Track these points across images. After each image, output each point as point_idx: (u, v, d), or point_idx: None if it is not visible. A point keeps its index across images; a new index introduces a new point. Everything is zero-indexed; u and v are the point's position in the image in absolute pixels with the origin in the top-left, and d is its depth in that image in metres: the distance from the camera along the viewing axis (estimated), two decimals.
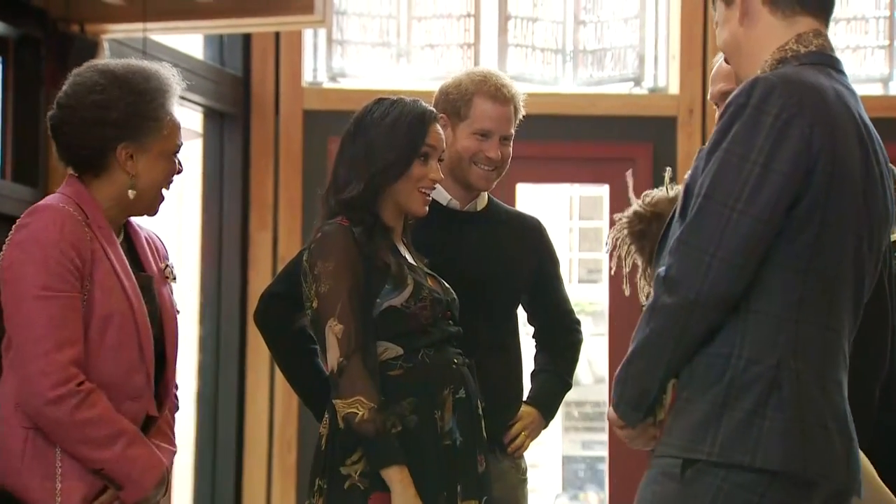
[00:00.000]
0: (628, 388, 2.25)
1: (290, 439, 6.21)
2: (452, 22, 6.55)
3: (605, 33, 6.59)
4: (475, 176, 3.23)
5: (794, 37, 2.30)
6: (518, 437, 3.30)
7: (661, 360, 2.20)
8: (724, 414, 2.16)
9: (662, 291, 2.18)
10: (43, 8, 5.21)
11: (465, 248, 3.23)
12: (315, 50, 6.53)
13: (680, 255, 2.17)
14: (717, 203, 2.16)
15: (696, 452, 2.17)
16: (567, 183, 6.92)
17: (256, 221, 6.35)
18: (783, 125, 2.16)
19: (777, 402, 2.15)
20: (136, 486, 2.59)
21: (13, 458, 2.56)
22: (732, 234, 2.14)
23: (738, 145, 2.17)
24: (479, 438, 2.97)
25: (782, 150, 2.15)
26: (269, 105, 6.37)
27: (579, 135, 6.46)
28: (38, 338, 2.52)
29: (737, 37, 2.35)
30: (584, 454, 9.51)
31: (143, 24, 5.30)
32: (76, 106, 2.66)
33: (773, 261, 2.17)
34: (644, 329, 2.21)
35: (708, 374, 2.19)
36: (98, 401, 2.55)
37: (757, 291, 2.17)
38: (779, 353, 2.17)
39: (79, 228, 2.58)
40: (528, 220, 3.43)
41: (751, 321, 2.18)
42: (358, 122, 2.98)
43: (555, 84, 6.61)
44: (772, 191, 2.14)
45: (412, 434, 2.86)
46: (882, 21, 6.49)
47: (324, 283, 2.85)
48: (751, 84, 2.21)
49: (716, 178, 2.17)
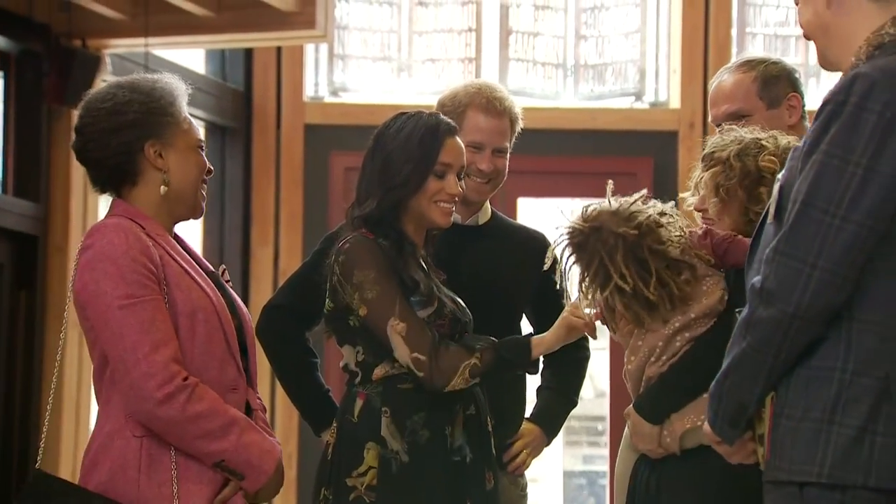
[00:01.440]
0: (724, 404, 2.17)
1: (291, 453, 6.21)
2: (454, 36, 6.56)
3: (605, 48, 6.60)
4: (468, 188, 3.23)
5: (891, 19, 2.16)
6: (519, 455, 3.28)
7: (759, 375, 2.11)
8: (833, 431, 2.06)
9: (759, 304, 2.09)
10: (45, 23, 5.23)
11: (466, 262, 3.22)
12: (316, 64, 6.54)
13: (777, 266, 2.07)
14: (817, 210, 2.05)
15: (806, 474, 2.07)
16: (568, 197, 6.91)
17: (258, 236, 6.35)
18: (888, 123, 2.04)
19: (888, 417, 2.04)
20: (258, 471, 2.58)
21: (129, 469, 2.55)
22: (834, 242, 2.04)
23: (838, 147, 2.05)
24: (488, 455, 2.97)
25: (887, 150, 2.03)
26: (270, 119, 6.38)
27: (580, 149, 6.47)
28: (133, 345, 2.52)
29: (823, 19, 2.21)
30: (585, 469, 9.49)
31: (144, 38, 5.31)
32: (92, 121, 2.67)
33: (876, 267, 2.06)
34: (740, 343, 2.12)
35: (810, 389, 2.09)
36: (205, 393, 2.55)
37: (860, 300, 2.07)
38: (887, 365, 2.05)
39: (141, 237, 2.60)
40: (531, 233, 3.42)
41: (854, 331, 2.07)
42: (377, 137, 2.98)
43: (556, 98, 6.62)
44: (876, 194, 2.03)
45: (422, 449, 2.85)
46: None
47: (369, 290, 2.84)
48: (850, 80, 2.07)
49: (814, 182, 2.06)
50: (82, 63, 5.20)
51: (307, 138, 6.37)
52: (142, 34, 5.30)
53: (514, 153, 3.35)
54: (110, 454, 2.56)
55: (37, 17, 5.19)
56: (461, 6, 6.56)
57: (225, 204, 6.29)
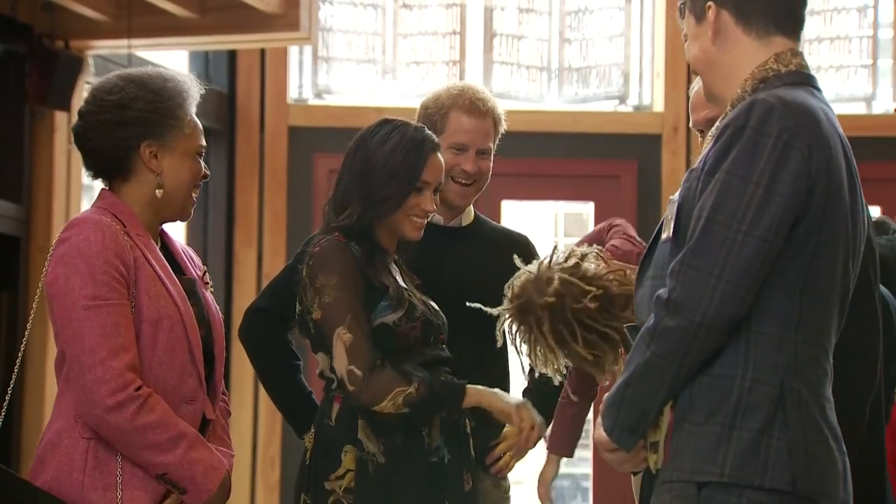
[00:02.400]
0: (625, 412, 2.24)
1: (274, 456, 6.20)
2: (438, 39, 6.56)
3: (590, 51, 6.61)
4: (452, 192, 3.22)
5: (773, 56, 2.31)
6: (502, 457, 3.27)
7: (663, 384, 2.19)
8: (733, 435, 2.17)
9: (665, 314, 2.17)
10: (28, 24, 5.21)
11: (448, 264, 3.22)
12: (300, 66, 6.54)
13: (684, 278, 2.17)
14: (721, 225, 2.16)
15: (707, 475, 2.17)
16: (552, 200, 6.92)
17: (241, 238, 6.34)
18: (784, 147, 2.17)
19: (782, 423, 2.17)
20: (200, 488, 2.58)
21: (75, 471, 2.55)
22: (738, 255, 2.15)
23: (740, 167, 2.17)
24: (466, 457, 2.97)
25: (784, 172, 2.16)
26: (254, 121, 6.37)
27: (564, 152, 6.47)
28: (92, 347, 2.51)
29: (709, 55, 2.35)
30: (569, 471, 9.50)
31: (127, 40, 5.30)
32: (96, 110, 2.67)
33: (773, 282, 2.18)
34: (644, 352, 2.20)
35: (712, 396, 2.19)
36: (157, 405, 2.55)
37: (758, 312, 2.18)
38: (781, 374, 2.18)
39: (119, 237, 2.58)
40: (514, 235, 3.42)
41: (752, 342, 2.19)
42: (360, 142, 2.98)
43: (540, 101, 6.62)
44: (775, 212, 2.15)
45: (399, 450, 2.86)
46: (865, 40, 6.52)
47: (328, 295, 2.85)
48: (748, 106, 2.21)
49: (718, 200, 2.17)
50: (65, 64, 5.19)
51: (291, 140, 6.36)
52: (125, 35, 5.29)
53: (498, 156, 3.35)
54: (57, 453, 2.56)
55: (19, 17, 5.17)
56: (445, 9, 6.57)
57: (208, 205, 6.27)
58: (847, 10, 6.54)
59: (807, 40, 6.55)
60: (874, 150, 6.22)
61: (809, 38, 6.55)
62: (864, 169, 3.56)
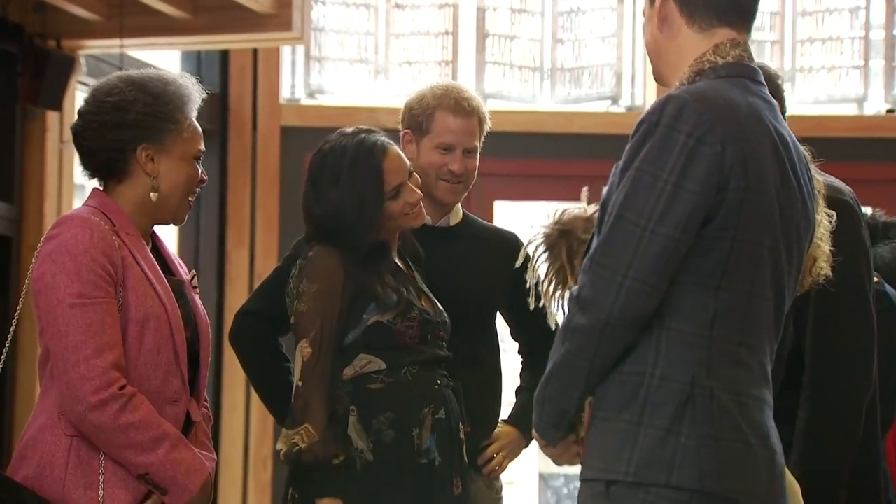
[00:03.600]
0: (547, 408, 2.25)
1: (266, 457, 6.19)
2: (430, 39, 6.56)
3: (582, 51, 6.61)
4: (441, 190, 3.23)
5: (712, 48, 2.29)
6: (494, 457, 3.27)
7: (578, 380, 2.20)
8: (640, 433, 2.15)
9: (576, 311, 2.18)
10: (19, 23, 5.20)
11: (437, 263, 3.22)
12: (293, 66, 6.53)
13: (592, 275, 2.17)
14: (629, 222, 2.15)
15: (614, 473, 2.16)
16: (544, 200, 6.92)
17: (233, 238, 6.33)
18: (695, 143, 2.15)
19: (691, 420, 2.14)
20: (181, 489, 2.56)
21: (56, 469, 2.54)
22: (644, 253, 2.14)
23: (650, 164, 2.16)
24: (457, 461, 2.96)
25: (693, 169, 2.15)
26: (246, 122, 6.36)
27: (557, 152, 6.47)
28: (76, 345, 2.51)
29: (657, 41, 2.35)
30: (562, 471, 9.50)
31: (119, 40, 5.29)
32: (95, 111, 2.67)
33: (685, 279, 2.17)
34: (559, 349, 2.21)
35: (622, 393, 2.18)
36: (140, 404, 2.54)
37: (670, 309, 2.17)
38: (692, 371, 2.16)
39: (107, 236, 2.58)
40: (503, 234, 3.42)
41: (664, 339, 2.17)
42: (321, 159, 2.98)
43: (532, 102, 6.62)
44: (683, 210, 2.14)
45: (388, 449, 2.86)
46: (857, 41, 6.53)
47: (304, 303, 2.86)
48: (663, 102, 2.20)
49: (628, 196, 2.17)
50: (57, 64, 5.18)
51: (283, 140, 6.35)
52: (117, 35, 5.28)
53: (491, 156, 3.35)
54: (39, 450, 2.55)
55: (11, 17, 5.16)
56: (438, 9, 6.56)
57: (201, 206, 6.27)
58: (839, 11, 6.54)
59: (799, 41, 6.56)
60: (866, 151, 6.22)
61: (801, 39, 6.55)
62: (856, 170, 3.58)
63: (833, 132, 6.08)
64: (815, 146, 2.87)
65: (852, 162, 5.22)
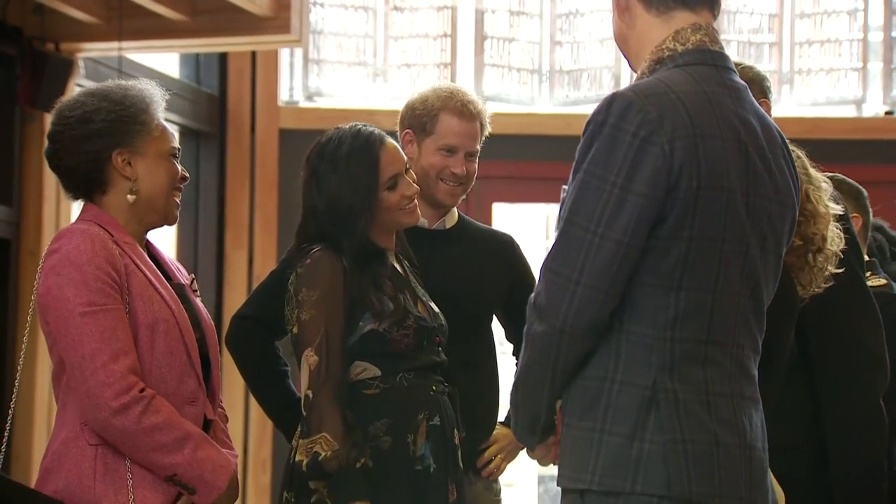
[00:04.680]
0: (521, 414, 2.23)
1: (265, 460, 6.19)
2: (429, 42, 6.56)
3: (581, 54, 6.61)
4: (441, 192, 3.23)
5: (672, 34, 2.21)
6: (492, 460, 3.27)
7: (543, 387, 2.16)
8: (603, 440, 2.10)
9: (534, 319, 2.14)
10: (18, 26, 5.20)
11: (433, 266, 3.22)
12: (291, 69, 6.53)
13: (546, 282, 2.12)
14: (578, 227, 2.10)
15: (580, 482, 2.12)
16: (543, 203, 6.92)
17: (232, 240, 6.33)
18: (641, 143, 2.08)
19: (657, 424, 2.08)
20: (210, 487, 2.57)
21: (85, 478, 2.54)
22: (595, 259, 2.08)
23: (597, 166, 2.10)
24: (452, 467, 2.94)
25: (641, 171, 2.07)
26: (245, 124, 6.37)
27: (555, 155, 6.46)
28: (92, 353, 2.51)
29: (621, 30, 2.29)
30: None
31: (118, 42, 5.29)
32: (62, 129, 2.68)
33: (642, 281, 2.11)
34: (523, 356, 2.18)
35: (584, 399, 2.14)
36: (161, 406, 2.55)
37: (630, 312, 2.11)
38: (653, 374, 2.10)
39: (108, 244, 2.59)
40: (499, 236, 3.42)
41: (623, 343, 2.12)
42: (319, 152, 2.95)
43: (531, 104, 6.63)
44: (631, 213, 2.07)
45: (384, 455, 2.84)
46: (855, 43, 6.53)
47: (306, 311, 2.84)
48: (609, 100, 2.13)
49: (576, 201, 2.11)
50: (55, 67, 5.18)
51: (282, 143, 6.35)
52: (115, 38, 5.27)
53: (489, 158, 3.36)
54: (66, 463, 2.55)
55: (9, 20, 5.16)
56: (437, 11, 6.57)
57: (199, 208, 6.27)
58: (837, 13, 6.55)
59: (797, 43, 6.56)
60: (864, 153, 6.23)
61: (800, 41, 6.56)
62: (854, 172, 3.59)
63: (831, 134, 6.09)
64: (813, 148, 2.88)
65: (850, 164, 5.21)
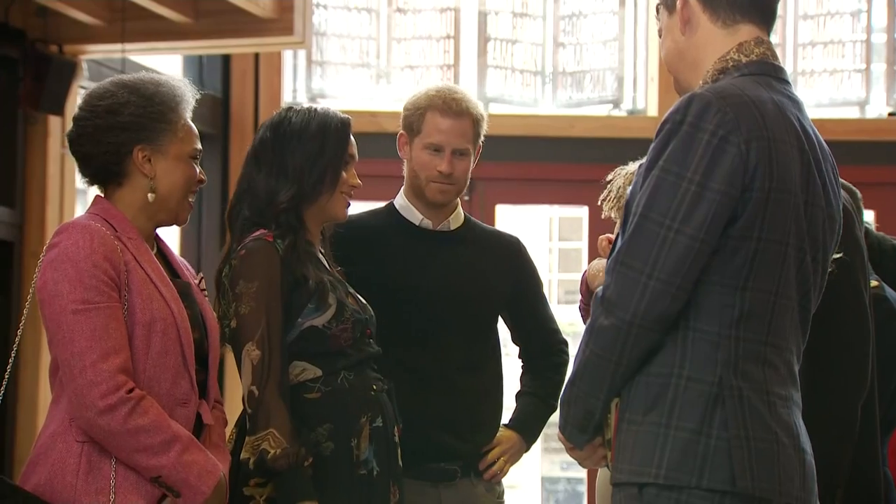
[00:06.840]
0: (573, 410, 2.24)
1: None
2: (432, 43, 6.57)
3: (584, 55, 6.61)
4: (431, 191, 3.22)
5: (736, 46, 2.28)
6: (496, 462, 3.26)
7: (603, 382, 2.19)
8: (669, 434, 2.14)
9: (600, 313, 2.17)
10: (21, 28, 5.20)
11: (437, 267, 3.21)
12: (295, 71, 6.54)
13: (617, 276, 2.16)
14: (653, 222, 2.14)
15: (644, 476, 2.15)
16: (546, 204, 6.94)
17: None
18: (719, 142, 2.13)
19: (722, 421, 2.13)
20: (195, 491, 2.55)
21: (67, 475, 2.53)
22: (668, 254, 2.12)
23: (674, 163, 2.15)
24: (394, 468, 2.88)
25: (718, 169, 2.13)
26: (248, 126, 6.37)
27: (558, 156, 6.48)
28: (82, 351, 2.50)
29: (679, 45, 2.33)
30: (564, 475, 9.49)
31: (121, 44, 5.30)
32: (88, 116, 2.67)
33: (711, 279, 2.15)
34: (584, 350, 2.20)
35: (648, 395, 2.17)
36: (150, 407, 2.53)
37: (696, 310, 2.16)
38: (719, 371, 2.15)
39: (108, 241, 2.58)
40: (505, 238, 3.41)
41: (689, 340, 2.16)
42: (275, 129, 2.92)
43: (534, 106, 6.63)
44: (707, 209, 2.12)
45: (327, 461, 2.77)
46: (859, 45, 6.53)
47: (245, 304, 2.78)
48: (687, 100, 2.18)
49: (651, 196, 2.15)
50: (58, 69, 5.18)
51: None
52: (119, 40, 5.28)
53: (492, 160, 3.34)
54: (50, 457, 2.55)
55: (12, 22, 5.16)
56: (440, 13, 6.57)
57: (203, 210, 6.27)
58: (840, 14, 6.55)
59: (800, 44, 6.56)
60: (867, 155, 6.22)
61: (803, 43, 6.56)
62: (858, 173, 3.59)
63: (835, 135, 6.07)
64: None
65: (854, 165, 5.21)
